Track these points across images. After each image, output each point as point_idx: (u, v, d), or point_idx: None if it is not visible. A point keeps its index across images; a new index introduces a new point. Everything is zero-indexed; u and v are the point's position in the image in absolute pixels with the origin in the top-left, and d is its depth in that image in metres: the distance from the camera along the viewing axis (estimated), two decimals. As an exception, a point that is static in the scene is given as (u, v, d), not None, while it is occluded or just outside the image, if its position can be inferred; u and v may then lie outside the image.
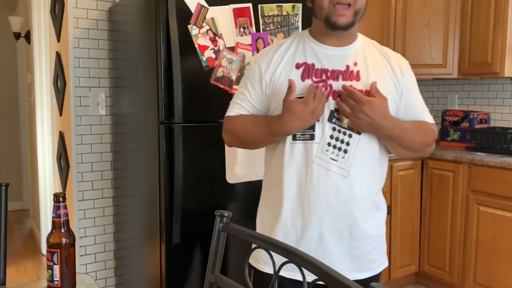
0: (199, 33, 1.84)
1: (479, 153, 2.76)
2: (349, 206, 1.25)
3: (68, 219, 1.05)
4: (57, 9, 2.61)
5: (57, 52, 2.70)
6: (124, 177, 2.42)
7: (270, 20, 2.00)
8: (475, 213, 2.65)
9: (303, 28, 1.98)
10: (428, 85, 3.69)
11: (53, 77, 2.84)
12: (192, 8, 1.82)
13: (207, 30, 1.86)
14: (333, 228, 1.25)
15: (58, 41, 2.68)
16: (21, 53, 4.80)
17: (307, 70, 1.25)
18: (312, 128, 1.23)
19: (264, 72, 1.28)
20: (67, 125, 2.55)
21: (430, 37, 3.12)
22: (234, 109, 1.33)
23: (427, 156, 1.43)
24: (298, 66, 1.26)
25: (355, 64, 1.26)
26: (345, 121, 1.20)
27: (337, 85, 1.23)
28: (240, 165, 1.96)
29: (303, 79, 1.24)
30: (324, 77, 1.24)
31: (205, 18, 1.85)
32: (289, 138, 1.25)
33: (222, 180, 1.95)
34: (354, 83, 1.23)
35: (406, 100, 1.31)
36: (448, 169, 2.79)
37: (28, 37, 4.10)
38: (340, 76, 1.24)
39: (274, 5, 1.99)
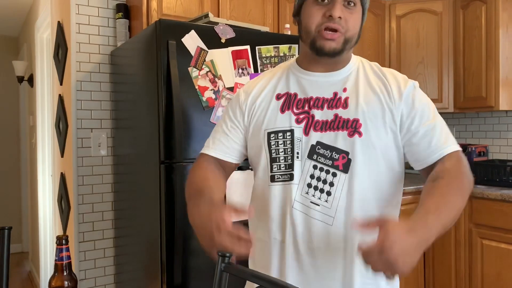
0: (199, 74, 1.89)
1: (479, 186, 2.77)
2: (336, 262, 1.05)
3: (70, 262, 1.05)
4: (61, 54, 2.68)
5: (59, 95, 2.76)
6: (125, 217, 2.42)
7: (268, 61, 2.05)
8: (479, 247, 2.63)
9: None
10: (425, 119, 3.74)
11: (55, 120, 2.88)
12: (192, 51, 1.88)
13: (207, 71, 1.91)
14: (322, 286, 1.06)
15: (61, 84, 2.74)
16: (24, 96, 4.88)
17: (288, 101, 1.12)
18: (291, 166, 1.08)
19: (242, 104, 1.18)
20: (69, 167, 2.57)
21: (425, 73, 3.19)
22: (210, 148, 1.18)
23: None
24: (278, 97, 1.14)
25: (344, 90, 1.10)
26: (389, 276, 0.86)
27: (320, 114, 1.08)
28: (240, 203, 1.96)
29: (282, 110, 1.12)
30: (306, 108, 1.10)
31: (204, 61, 1.91)
32: (268, 180, 1.11)
33: (223, 218, 1.95)
34: (340, 111, 1.07)
35: (411, 133, 1.07)
36: (449, 203, 2.79)
37: (31, 80, 4.19)
38: (326, 105, 1.09)
39: (271, 46, 2.05)
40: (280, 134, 1.10)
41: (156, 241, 1.93)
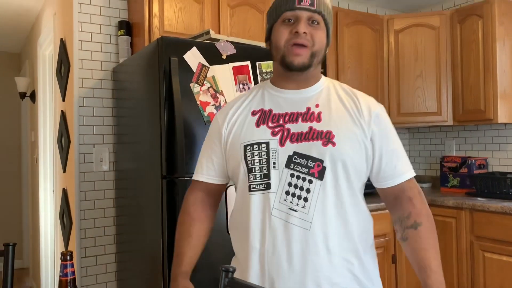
0: (200, 90, 1.92)
1: (479, 199, 2.78)
2: (315, 265, 1.11)
3: (75, 278, 1.06)
4: (63, 71, 2.71)
5: (62, 111, 2.78)
6: (126, 232, 2.42)
7: (268, 76, 2.08)
8: (481, 260, 2.62)
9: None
10: (425, 132, 3.76)
11: (57, 135, 2.90)
12: (194, 67, 1.91)
13: (208, 87, 1.94)
14: None
15: (63, 100, 2.76)
16: (26, 112, 4.91)
17: (263, 116, 1.20)
18: (268, 176, 1.15)
19: (221, 125, 1.26)
20: (71, 182, 2.58)
21: (424, 86, 3.22)
22: (200, 173, 1.31)
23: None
24: (254, 113, 1.22)
25: (317, 105, 1.19)
26: None
27: (295, 127, 1.16)
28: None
29: (258, 125, 1.19)
30: (281, 122, 1.18)
31: (206, 76, 1.93)
32: (246, 190, 1.18)
33: (224, 232, 1.96)
34: (314, 124, 1.16)
35: (379, 154, 1.19)
36: (450, 216, 2.79)
37: (33, 96, 4.22)
38: (300, 118, 1.17)
39: (271, 62, 2.08)
40: (255, 146, 1.17)
41: (158, 256, 1.93)
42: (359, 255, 1.17)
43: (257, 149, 1.17)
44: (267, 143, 1.16)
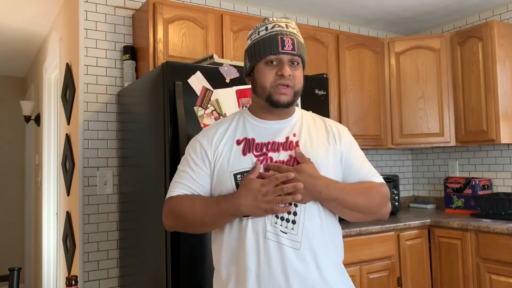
0: (204, 113, 1.94)
1: (484, 220, 2.76)
2: (309, 281, 1.21)
3: (79, 303, 1.06)
4: (68, 94, 2.75)
5: (66, 134, 2.80)
6: (130, 255, 2.41)
7: (271, 99, 2.10)
8: (488, 283, 2.59)
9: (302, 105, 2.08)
10: (428, 153, 3.76)
11: (62, 158, 2.92)
12: (198, 91, 1.93)
13: (212, 110, 1.96)
14: None
15: (68, 123, 2.79)
16: (30, 135, 4.95)
17: (248, 145, 1.29)
18: None
19: (206, 150, 1.31)
20: (75, 205, 2.59)
21: (426, 108, 3.24)
22: (178, 189, 1.31)
23: (385, 219, 1.39)
24: (238, 142, 1.30)
25: (294, 135, 1.32)
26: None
27: (277, 156, 1.27)
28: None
29: (244, 153, 1.27)
30: (264, 150, 1.28)
31: (210, 100, 1.96)
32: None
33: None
34: (293, 152, 1.27)
35: (347, 163, 1.33)
36: (455, 237, 2.77)
37: (38, 119, 4.26)
38: (281, 147, 1.28)
39: (275, 85, 2.11)
40: (245, 174, 1.25)
41: (162, 279, 1.92)
42: (341, 270, 1.31)
43: None
44: None
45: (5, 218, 5.21)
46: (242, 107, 2.03)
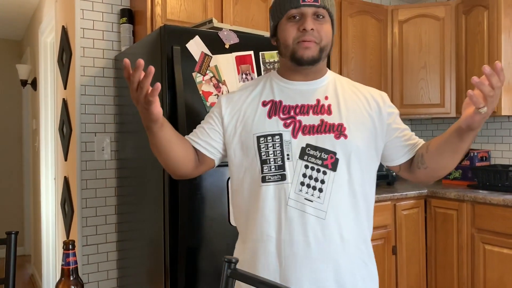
0: (203, 80, 1.91)
1: (481, 191, 2.77)
2: (330, 253, 1.15)
3: (77, 267, 1.06)
4: (65, 59, 2.70)
5: (63, 99, 2.77)
6: (128, 221, 2.43)
7: (271, 66, 2.07)
8: (481, 252, 2.63)
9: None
10: (427, 124, 3.75)
11: (59, 123, 2.89)
12: (197, 56, 1.89)
13: (211, 77, 1.92)
14: (314, 280, 1.15)
15: (65, 88, 2.75)
16: (27, 100, 4.90)
17: (274, 107, 1.22)
18: (283, 167, 1.17)
19: (222, 108, 1.28)
20: (72, 170, 2.58)
21: (427, 78, 3.20)
22: (190, 136, 1.33)
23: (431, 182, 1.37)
24: (264, 103, 1.24)
25: (326, 98, 1.23)
26: (484, 108, 1.03)
27: (307, 120, 1.19)
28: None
29: (269, 116, 1.21)
30: (292, 113, 1.20)
31: (209, 66, 1.92)
32: (259, 181, 1.19)
33: (225, 223, 1.96)
34: (325, 117, 1.20)
35: (392, 128, 1.27)
36: (451, 208, 2.79)
37: (34, 84, 4.21)
38: (311, 110, 1.21)
39: (275, 52, 2.07)
40: (269, 138, 1.19)
41: (160, 245, 1.94)
42: (367, 242, 1.25)
43: (270, 140, 1.19)
44: (281, 135, 1.19)
45: (4, 183, 5.23)
46: (242, 75, 2.00)
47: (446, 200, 2.83)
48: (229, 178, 1.96)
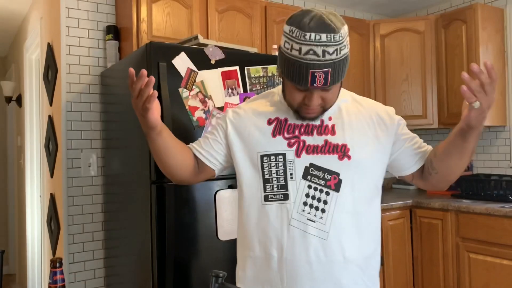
0: (189, 95, 1.93)
1: (464, 200, 2.82)
2: (332, 273, 1.15)
3: (64, 285, 1.06)
4: (50, 75, 2.70)
5: (49, 115, 2.76)
6: (115, 237, 2.41)
7: (257, 81, 2.10)
8: (466, 261, 2.67)
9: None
10: (411, 135, 3.81)
11: (44, 140, 2.88)
12: (183, 72, 1.92)
13: (197, 92, 1.95)
14: None
15: (51, 105, 2.75)
16: (11, 116, 4.86)
17: (279, 126, 1.22)
18: (285, 187, 1.18)
19: (228, 121, 1.29)
20: (59, 187, 2.57)
21: (409, 90, 3.27)
22: (192, 144, 1.34)
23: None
24: (270, 122, 1.24)
25: (330, 118, 1.22)
26: (477, 103, 1.03)
27: (311, 140, 1.19)
28: (229, 222, 1.98)
29: (274, 135, 1.21)
30: (296, 133, 1.20)
31: (195, 81, 1.94)
32: (261, 199, 1.20)
33: (213, 237, 1.97)
34: (329, 137, 1.19)
35: (402, 139, 1.26)
36: (436, 217, 2.84)
37: (19, 100, 4.18)
38: (315, 130, 1.20)
39: (260, 67, 2.10)
40: (272, 157, 1.20)
41: (147, 261, 1.93)
42: (369, 262, 1.22)
43: (274, 160, 1.20)
44: (284, 155, 1.19)
45: (-13, 200, 5.14)
46: (228, 89, 2.02)
47: (431, 210, 2.87)
48: (216, 192, 1.98)
